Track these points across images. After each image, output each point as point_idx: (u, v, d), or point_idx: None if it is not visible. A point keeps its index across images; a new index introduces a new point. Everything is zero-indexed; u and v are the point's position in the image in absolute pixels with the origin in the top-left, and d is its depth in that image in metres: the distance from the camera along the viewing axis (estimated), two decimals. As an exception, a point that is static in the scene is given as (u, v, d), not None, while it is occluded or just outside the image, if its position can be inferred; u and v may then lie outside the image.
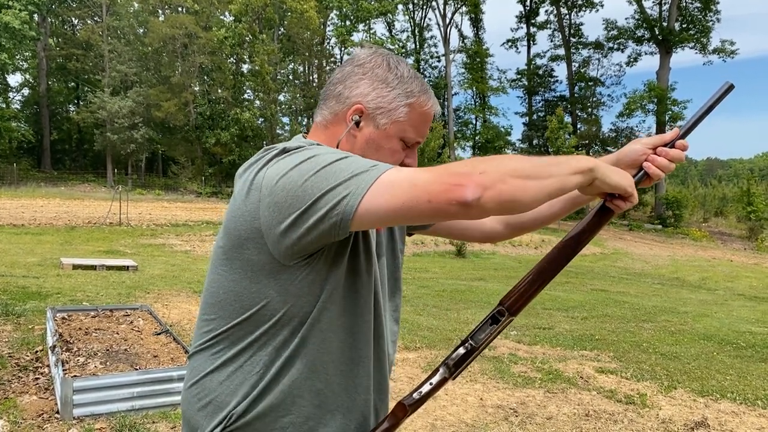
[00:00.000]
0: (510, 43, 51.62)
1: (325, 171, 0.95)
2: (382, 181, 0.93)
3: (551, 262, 1.09)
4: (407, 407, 1.13)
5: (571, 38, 48.52)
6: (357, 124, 1.14)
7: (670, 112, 41.41)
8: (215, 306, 1.12)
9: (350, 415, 1.16)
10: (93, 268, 9.71)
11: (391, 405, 1.18)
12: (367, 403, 1.19)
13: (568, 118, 36.99)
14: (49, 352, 4.39)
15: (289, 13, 39.60)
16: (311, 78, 47.15)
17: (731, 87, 1.19)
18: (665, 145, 1.18)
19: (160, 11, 39.20)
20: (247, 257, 1.06)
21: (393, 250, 1.31)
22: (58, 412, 3.64)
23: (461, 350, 1.12)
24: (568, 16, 48.75)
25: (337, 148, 1.13)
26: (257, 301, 1.07)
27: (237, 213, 1.06)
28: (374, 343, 1.17)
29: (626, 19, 51.52)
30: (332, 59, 49.32)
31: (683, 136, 1.20)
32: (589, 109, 48.89)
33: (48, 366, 4.43)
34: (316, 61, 46.53)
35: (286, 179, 0.98)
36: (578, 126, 44.88)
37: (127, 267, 9.94)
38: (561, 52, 49.21)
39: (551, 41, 50.94)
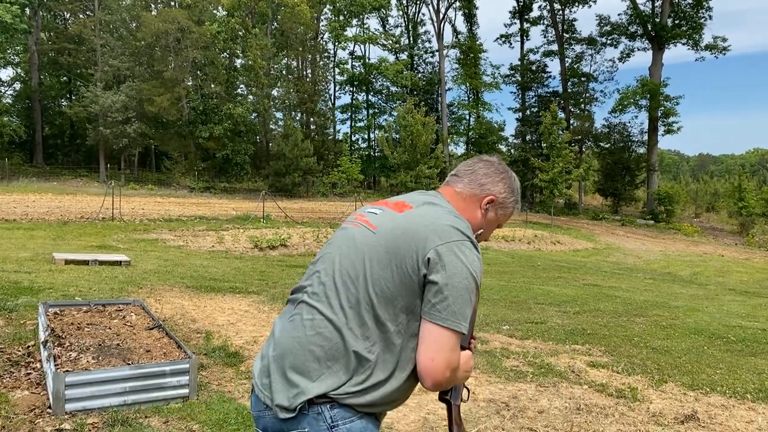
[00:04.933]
0: (503, 39, 51.68)
1: (463, 297, 1.49)
2: (448, 334, 1.48)
3: None
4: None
5: (564, 34, 48.59)
6: (486, 210, 1.76)
7: (662, 108, 41.59)
8: None
9: None
10: (85, 263, 9.66)
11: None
12: None
13: (561, 114, 37.08)
14: (41, 347, 4.38)
15: (282, 8, 39.43)
16: (304, 73, 46.96)
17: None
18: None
19: (152, 5, 38.93)
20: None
21: None
22: (50, 407, 3.63)
23: None
24: (561, 12, 48.80)
25: (470, 220, 1.69)
26: None
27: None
28: None
29: (619, 14, 51.69)
30: (326, 54, 49.16)
31: None
32: (582, 105, 49.00)
33: (40, 361, 4.42)
34: (310, 56, 46.34)
35: (456, 270, 1.49)
36: (571, 121, 44.96)
37: (120, 262, 9.89)
38: (554, 47, 49.28)
39: (544, 37, 50.98)
